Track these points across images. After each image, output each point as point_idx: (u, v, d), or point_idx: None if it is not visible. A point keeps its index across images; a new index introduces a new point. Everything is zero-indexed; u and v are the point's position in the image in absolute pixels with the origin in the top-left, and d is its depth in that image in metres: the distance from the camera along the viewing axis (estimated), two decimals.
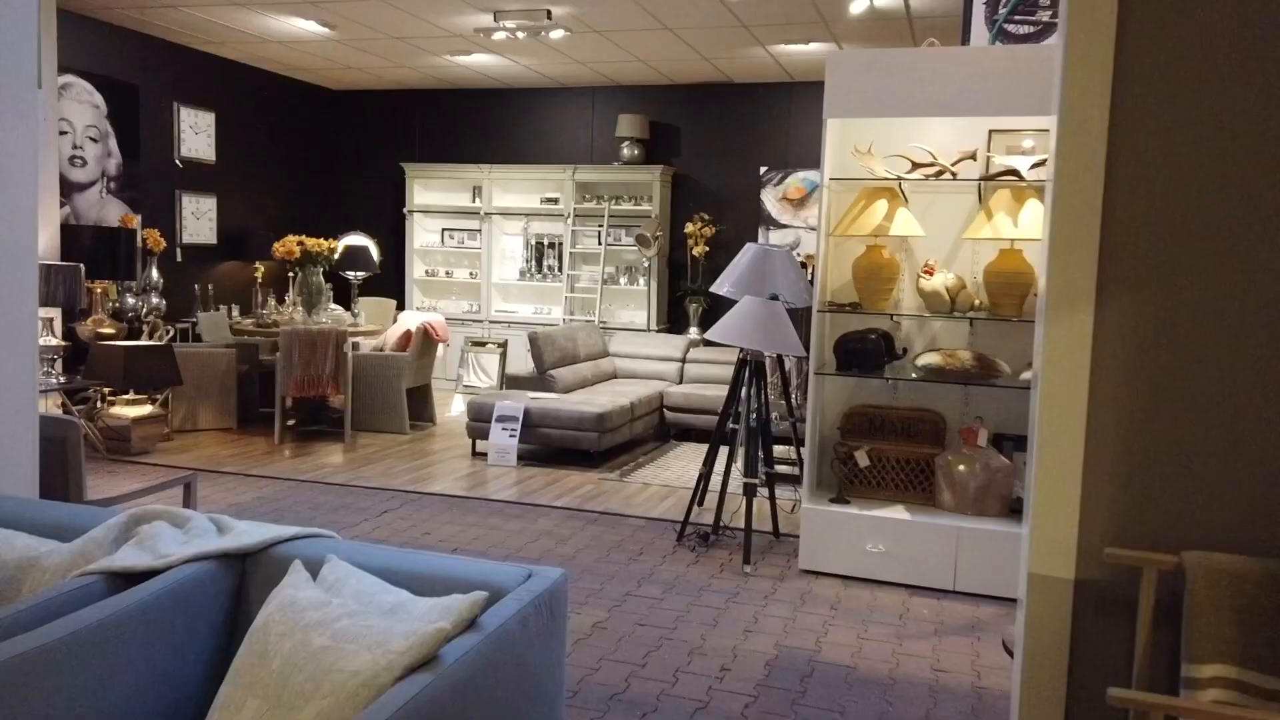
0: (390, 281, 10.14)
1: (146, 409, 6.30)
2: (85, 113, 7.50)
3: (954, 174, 4.37)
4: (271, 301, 8.33)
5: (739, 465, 4.78)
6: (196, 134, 8.62)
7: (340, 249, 7.81)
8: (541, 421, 6.41)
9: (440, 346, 8.09)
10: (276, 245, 7.76)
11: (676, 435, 7.57)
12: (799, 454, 5.23)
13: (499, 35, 6.98)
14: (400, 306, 9.87)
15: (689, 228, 9.06)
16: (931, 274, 4.41)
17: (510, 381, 7.20)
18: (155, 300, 7.95)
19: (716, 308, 9.17)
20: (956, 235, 4.61)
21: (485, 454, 6.49)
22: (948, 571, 4.24)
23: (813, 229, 9.02)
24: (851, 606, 4.03)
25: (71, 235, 6.41)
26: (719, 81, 9.09)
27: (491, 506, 5.36)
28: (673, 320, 9.40)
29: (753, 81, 9.04)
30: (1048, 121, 4.38)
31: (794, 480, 5.87)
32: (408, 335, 7.45)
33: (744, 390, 4.75)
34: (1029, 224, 4.22)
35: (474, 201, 9.83)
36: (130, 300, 7.65)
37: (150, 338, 6.89)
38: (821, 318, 4.52)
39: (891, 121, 4.53)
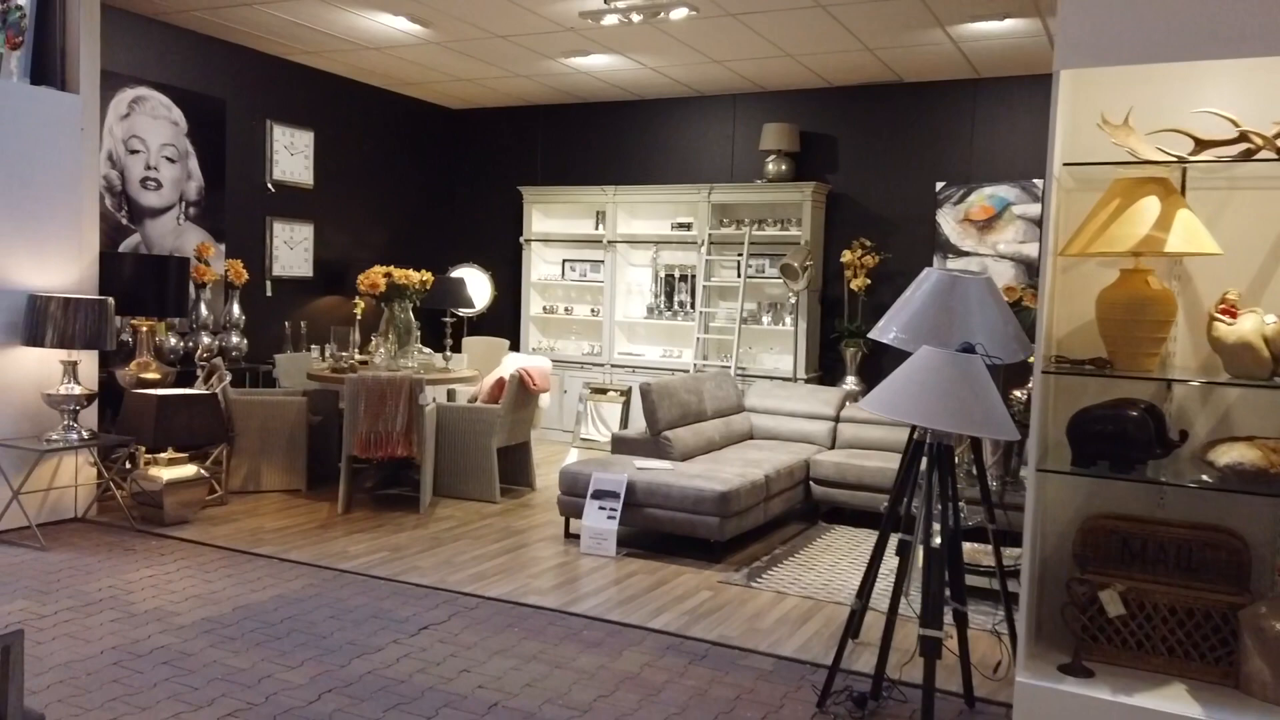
0: (507, 319, 9.06)
1: (188, 470, 5.31)
2: (162, 130, 6.75)
3: None
4: (374, 340, 7.36)
5: (911, 600, 3.22)
6: (292, 155, 7.81)
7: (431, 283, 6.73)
8: (649, 499, 5.01)
9: (544, 397, 6.85)
10: (361, 277, 6.76)
11: (826, 515, 5.99)
12: (999, 565, 3.61)
13: (610, 20, 5.73)
14: (514, 347, 8.75)
15: (846, 256, 7.51)
16: (1234, 315, 2.75)
17: (617, 444, 5.84)
18: (236, 339, 7.11)
19: (880, 353, 7.55)
20: (1268, 253, 2.93)
21: (580, 536, 5.15)
22: None
23: (1002, 256, 7.30)
24: None
25: (112, 265, 5.56)
26: (886, 81, 7.54)
27: (567, 625, 3.99)
28: (825, 368, 7.83)
29: (928, 80, 7.44)
30: None
31: (994, 598, 4.23)
32: (500, 384, 6.25)
33: (918, 480, 3.20)
34: None
35: (597, 228, 8.62)
36: (205, 339, 6.82)
37: (205, 384, 5.97)
38: (1046, 381, 2.93)
39: (1161, 74, 2.92)
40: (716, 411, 6.24)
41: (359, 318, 8.08)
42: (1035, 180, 7.16)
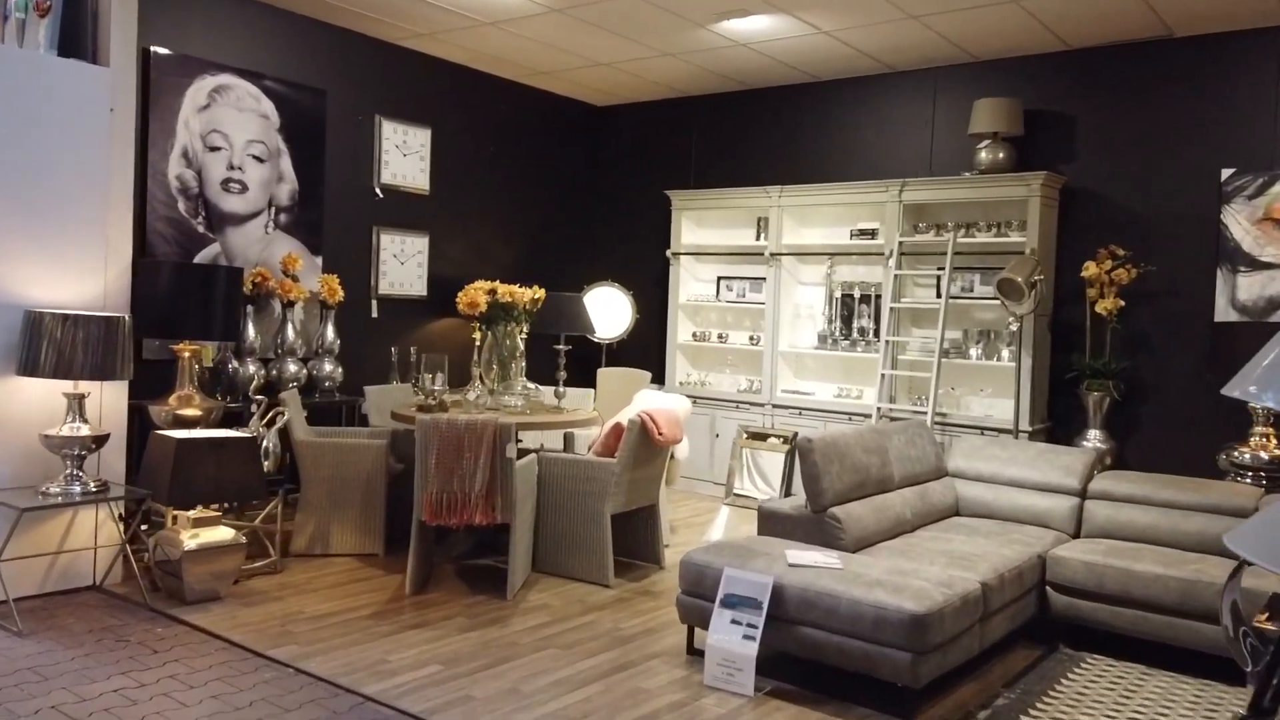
0: (652, 347, 7.69)
1: (219, 533, 4.21)
2: (249, 124, 5.84)
3: None
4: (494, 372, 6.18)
5: None
6: (405, 156, 6.78)
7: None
8: (804, 614, 3.43)
9: (680, 447, 5.40)
10: (459, 295, 5.60)
11: (1068, 638, 4.18)
12: None
13: None
14: (658, 380, 7.36)
15: (1090, 269, 5.65)
16: None
17: (765, 520, 4.28)
18: (329, 367, 6.09)
19: (1139, 400, 5.64)
20: None
21: (705, 654, 3.63)
22: None
23: None
24: None
25: (149, 275, 4.59)
26: (1148, 38, 5.66)
27: None
28: (1057, 418, 5.96)
29: (1210, 32, 5.50)
30: None
31: None
32: (618, 432, 4.85)
33: None
34: None
35: (758, 239, 7.12)
36: (291, 368, 5.84)
37: (262, 422, 4.90)
38: None
39: None
40: (907, 477, 4.58)
41: (479, 343, 6.93)
42: None
